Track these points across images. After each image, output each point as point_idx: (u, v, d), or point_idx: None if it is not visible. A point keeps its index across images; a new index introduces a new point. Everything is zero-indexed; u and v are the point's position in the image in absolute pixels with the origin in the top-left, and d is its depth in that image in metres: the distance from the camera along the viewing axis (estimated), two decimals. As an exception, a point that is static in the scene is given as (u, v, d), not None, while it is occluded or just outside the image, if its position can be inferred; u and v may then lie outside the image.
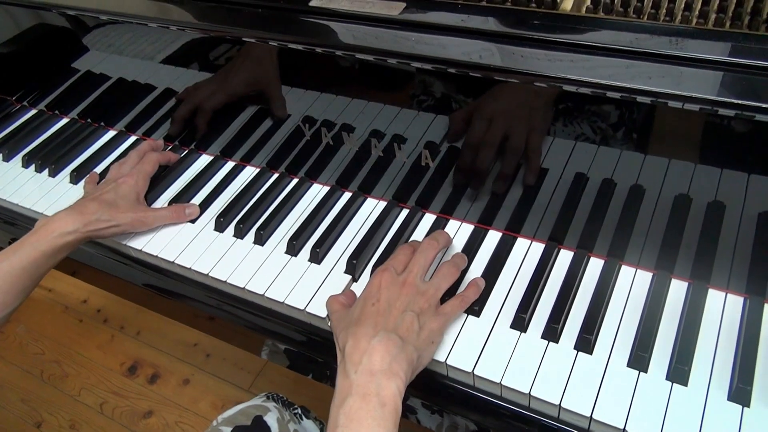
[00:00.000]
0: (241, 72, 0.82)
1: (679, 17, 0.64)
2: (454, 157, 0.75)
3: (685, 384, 0.61)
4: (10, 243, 1.02)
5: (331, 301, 0.69)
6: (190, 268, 0.80)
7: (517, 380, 0.63)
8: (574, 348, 0.65)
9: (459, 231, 0.79)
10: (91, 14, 0.88)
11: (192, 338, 1.65)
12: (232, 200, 0.88)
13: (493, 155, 0.72)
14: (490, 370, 0.64)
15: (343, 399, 0.56)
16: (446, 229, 0.80)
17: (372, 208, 0.84)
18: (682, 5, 0.64)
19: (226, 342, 0.93)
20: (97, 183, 0.90)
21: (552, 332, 0.66)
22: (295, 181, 0.90)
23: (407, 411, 0.85)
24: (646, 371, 0.62)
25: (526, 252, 0.76)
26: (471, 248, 0.76)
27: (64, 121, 1.10)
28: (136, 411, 1.53)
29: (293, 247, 0.79)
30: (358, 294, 0.69)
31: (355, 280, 0.76)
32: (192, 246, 0.82)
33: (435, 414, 0.86)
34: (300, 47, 0.74)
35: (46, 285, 1.86)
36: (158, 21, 0.83)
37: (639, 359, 0.62)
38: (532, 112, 0.66)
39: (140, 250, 0.83)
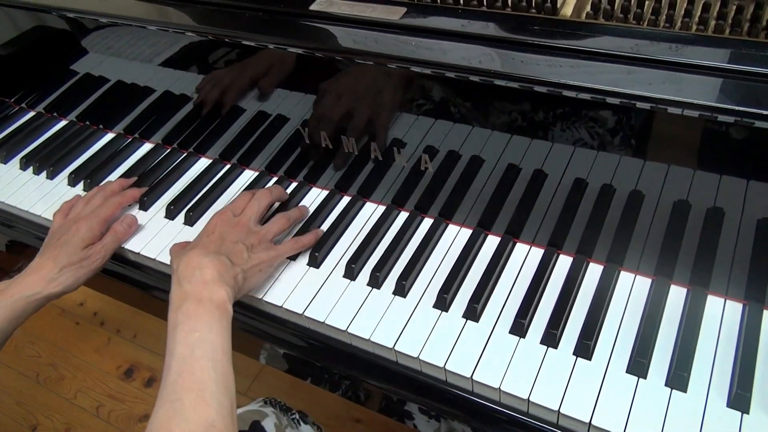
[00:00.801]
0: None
1: (678, 24, 0.64)
2: (453, 161, 0.75)
3: (685, 390, 0.60)
4: (7, 246, 1.02)
5: (173, 246, 0.79)
6: (188, 272, 0.79)
7: (516, 386, 0.63)
8: (573, 353, 0.65)
9: (458, 235, 0.79)
10: (90, 17, 0.88)
11: (189, 342, 1.64)
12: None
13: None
14: (488, 376, 0.64)
15: (180, 304, 0.64)
16: (445, 234, 0.80)
17: (371, 212, 0.84)
18: (682, 12, 0.64)
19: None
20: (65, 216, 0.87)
21: (551, 338, 0.66)
22: (293, 184, 0.90)
23: (404, 416, 0.85)
24: (645, 377, 0.62)
25: (525, 257, 0.75)
26: (470, 253, 0.76)
27: (63, 123, 1.10)
28: (132, 414, 1.52)
29: (292, 250, 0.79)
30: None
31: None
32: (190, 249, 0.82)
33: (432, 419, 0.86)
34: (300, 51, 0.74)
35: (42, 287, 1.85)
36: (157, 24, 0.83)
37: (638, 365, 0.62)
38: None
39: (138, 253, 0.83)
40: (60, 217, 0.86)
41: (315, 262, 0.78)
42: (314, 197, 0.88)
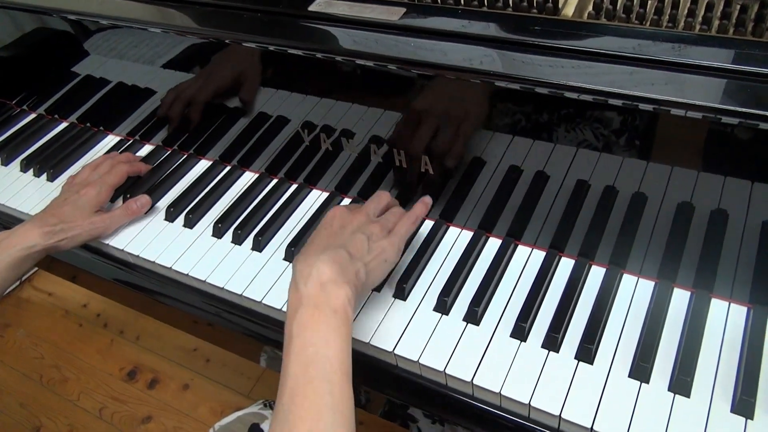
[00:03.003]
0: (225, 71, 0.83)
1: (681, 24, 0.63)
2: (453, 163, 0.74)
3: (688, 395, 0.60)
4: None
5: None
6: (187, 274, 0.79)
7: (517, 390, 0.62)
8: (575, 358, 0.64)
9: (459, 237, 0.78)
10: (91, 18, 0.88)
11: (191, 343, 1.65)
12: (230, 206, 0.87)
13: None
14: (489, 380, 0.63)
15: (295, 310, 0.58)
16: (446, 236, 0.79)
17: (371, 214, 0.84)
18: (685, 11, 0.63)
19: (225, 349, 0.92)
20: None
21: (552, 342, 0.65)
22: (294, 186, 0.89)
23: (408, 420, 0.84)
24: (647, 382, 0.61)
25: (527, 260, 0.75)
26: (471, 255, 0.75)
27: (64, 125, 1.10)
28: (135, 416, 1.52)
29: (292, 254, 0.79)
30: None
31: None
32: (190, 252, 0.82)
33: (436, 423, 0.85)
34: (300, 52, 0.74)
35: (46, 289, 1.86)
36: (158, 25, 0.83)
37: (641, 370, 0.62)
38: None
39: (138, 256, 0.83)
40: (67, 186, 0.89)
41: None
42: (314, 199, 0.87)
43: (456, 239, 0.78)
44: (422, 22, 0.70)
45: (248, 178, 0.92)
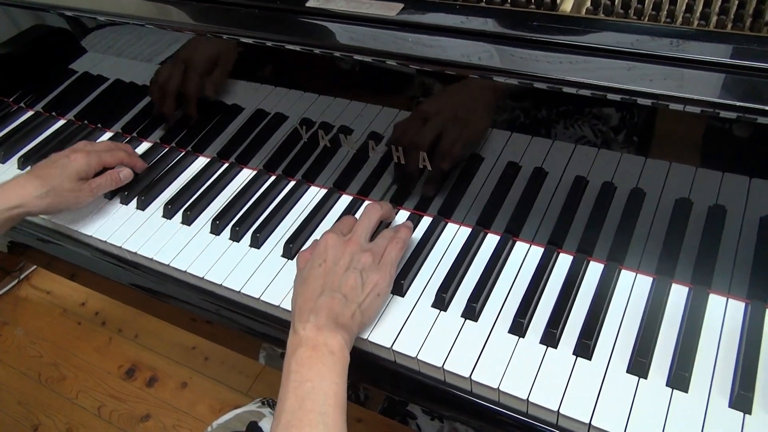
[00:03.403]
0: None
1: (680, 19, 0.63)
2: (452, 159, 0.74)
3: (686, 390, 0.60)
4: (8, 246, 1.02)
5: (299, 256, 0.72)
6: (185, 272, 0.79)
7: (515, 386, 0.62)
8: (573, 353, 0.64)
9: (457, 234, 0.78)
10: (88, 15, 0.88)
11: (190, 341, 1.64)
12: (228, 203, 0.87)
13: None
14: (487, 376, 0.63)
15: (294, 350, 0.61)
16: (444, 232, 0.79)
17: (370, 211, 0.84)
18: (683, 7, 0.63)
19: (223, 346, 0.92)
20: None
21: (551, 337, 0.65)
22: (292, 183, 0.89)
23: (407, 416, 0.84)
24: (646, 377, 0.61)
25: (525, 256, 0.75)
26: (469, 251, 0.75)
27: (61, 122, 1.09)
28: (133, 414, 1.52)
29: (290, 250, 0.79)
30: None
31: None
32: (188, 249, 0.82)
33: (435, 420, 0.85)
34: (297, 48, 0.74)
35: (44, 287, 1.85)
36: (155, 22, 0.82)
37: (639, 365, 0.62)
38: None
39: (135, 253, 0.82)
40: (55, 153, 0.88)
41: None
42: (312, 196, 0.87)
43: (454, 235, 0.78)
44: (420, 18, 0.70)
45: (246, 174, 0.92)
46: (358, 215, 0.83)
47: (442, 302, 0.70)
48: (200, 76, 0.87)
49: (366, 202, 0.85)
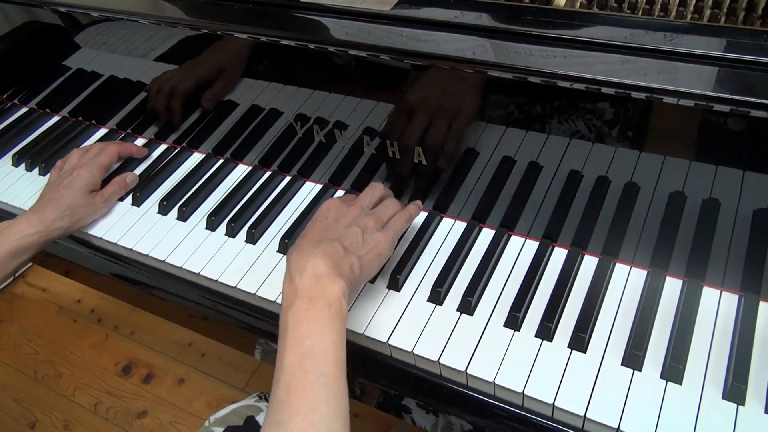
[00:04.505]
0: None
1: (673, 13, 0.63)
2: (447, 154, 0.74)
3: (680, 382, 0.60)
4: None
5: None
6: (181, 268, 0.79)
7: (511, 379, 0.62)
8: (568, 347, 0.64)
9: (452, 228, 0.79)
10: (82, 11, 0.87)
11: (187, 338, 1.64)
12: (223, 199, 0.87)
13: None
14: (483, 369, 0.63)
15: (291, 302, 0.58)
16: (440, 227, 0.79)
17: (365, 206, 0.84)
18: (677, 1, 0.64)
19: (220, 342, 0.92)
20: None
21: (546, 331, 0.65)
22: (287, 179, 0.89)
23: (402, 411, 0.84)
24: (640, 370, 0.62)
25: (520, 250, 0.75)
26: (464, 246, 0.75)
27: (55, 119, 1.09)
28: (130, 411, 1.52)
29: (286, 246, 0.79)
30: None
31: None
32: (183, 245, 0.82)
33: (430, 414, 0.85)
34: (292, 43, 0.74)
35: (39, 285, 1.85)
36: (149, 17, 0.82)
37: (633, 358, 0.62)
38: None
39: (131, 249, 0.82)
40: (56, 172, 0.89)
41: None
42: (308, 191, 0.87)
43: (449, 230, 0.79)
44: (415, 13, 0.70)
45: (241, 170, 0.92)
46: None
47: (437, 296, 0.70)
48: (195, 72, 0.86)
49: (361, 198, 0.85)
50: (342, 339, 0.58)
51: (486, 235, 0.77)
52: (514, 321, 0.67)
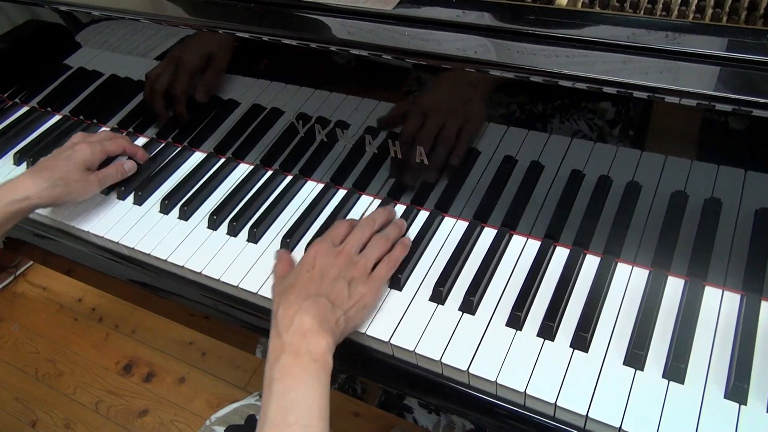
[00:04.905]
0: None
1: (675, 12, 0.63)
2: (448, 153, 0.74)
3: (682, 382, 0.60)
4: (4, 242, 1.01)
5: (276, 268, 0.72)
6: (183, 266, 0.79)
7: (513, 378, 0.62)
8: (570, 346, 0.64)
9: (454, 228, 0.79)
10: (83, 10, 0.87)
11: (187, 336, 1.64)
12: (225, 198, 0.87)
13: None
14: (485, 369, 0.63)
15: (277, 357, 0.59)
16: (441, 226, 0.79)
17: (366, 205, 0.84)
18: (679, 0, 0.63)
19: (221, 341, 0.92)
20: None
21: (548, 330, 0.65)
22: (289, 178, 0.89)
23: (404, 410, 0.85)
24: (642, 369, 0.62)
25: (522, 249, 0.75)
26: (466, 245, 0.75)
27: (56, 118, 1.09)
28: (131, 410, 1.52)
29: (287, 245, 0.79)
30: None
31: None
32: (185, 244, 0.82)
33: (432, 413, 0.85)
34: (294, 43, 0.74)
35: (40, 283, 1.85)
36: (150, 16, 0.82)
37: (635, 357, 0.62)
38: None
39: (133, 248, 0.82)
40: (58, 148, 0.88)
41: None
42: (309, 191, 0.87)
43: (451, 229, 0.79)
44: (417, 12, 0.70)
45: (243, 169, 0.92)
46: (352, 213, 0.83)
47: (439, 296, 0.70)
48: (197, 71, 0.86)
49: (362, 197, 0.85)
50: (326, 392, 0.59)
51: (488, 234, 0.77)
52: (516, 320, 0.67)
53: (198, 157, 0.95)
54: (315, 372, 0.58)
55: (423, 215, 0.81)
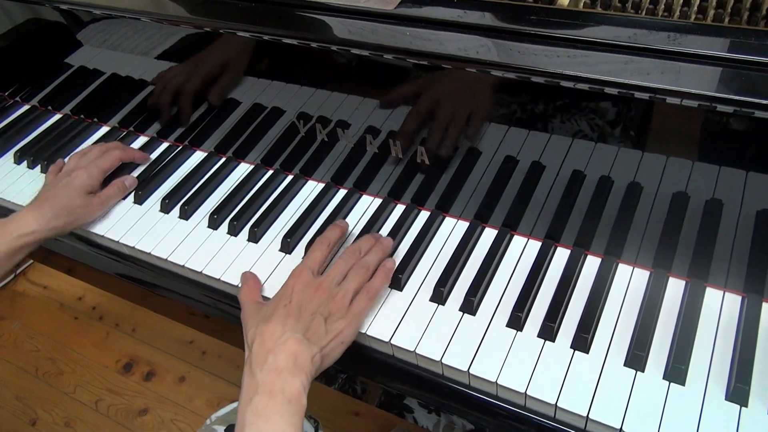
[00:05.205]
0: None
1: (677, 12, 0.63)
2: (449, 153, 0.74)
3: (683, 383, 0.60)
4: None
5: (244, 292, 0.71)
6: (183, 266, 0.79)
7: (513, 379, 0.62)
8: (571, 347, 0.64)
9: (455, 228, 0.78)
10: (84, 8, 0.87)
11: (188, 336, 1.65)
12: (225, 197, 0.87)
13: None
14: (485, 370, 0.63)
15: (250, 398, 0.58)
16: (443, 226, 0.79)
17: (367, 205, 0.84)
18: (681, 0, 0.63)
19: (221, 340, 0.92)
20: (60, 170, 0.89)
21: (548, 331, 0.65)
22: (289, 178, 0.89)
23: (404, 410, 0.85)
24: (643, 370, 0.62)
25: (523, 250, 0.75)
26: (467, 246, 0.75)
27: (57, 116, 1.09)
28: (131, 408, 1.53)
29: (287, 244, 0.79)
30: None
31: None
32: (185, 243, 0.82)
33: (432, 413, 0.85)
34: (295, 42, 0.74)
35: (41, 282, 1.85)
36: (151, 15, 0.82)
37: (636, 358, 0.62)
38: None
39: (133, 248, 0.82)
40: (52, 174, 0.88)
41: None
42: (310, 190, 0.87)
43: (452, 230, 0.78)
44: (418, 12, 0.70)
45: (244, 169, 0.92)
46: (353, 213, 0.83)
47: (440, 296, 0.70)
48: (198, 70, 0.86)
49: (363, 197, 0.85)
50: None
51: (488, 234, 0.77)
52: (516, 321, 0.67)
53: (199, 156, 0.95)
54: (288, 415, 0.57)
55: (424, 215, 0.81)
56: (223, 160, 0.94)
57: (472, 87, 0.68)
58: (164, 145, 0.98)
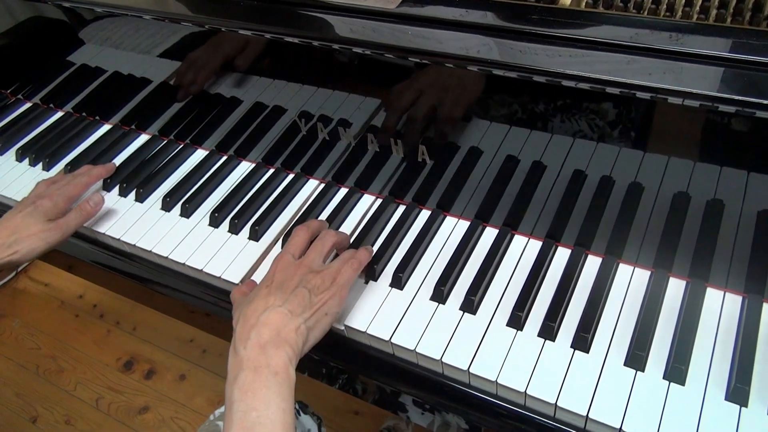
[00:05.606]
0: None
1: (679, 13, 0.63)
2: (451, 152, 0.74)
3: (683, 383, 0.60)
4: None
5: (235, 290, 0.71)
6: (184, 264, 0.79)
7: (513, 379, 0.62)
8: (571, 346, 0.64)
9: (456, 227, 0.78)
10: (86, 6, 0.87)
11: (188, 334, 1.65)
12: (226, 196, 0.87)
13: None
14: (485, 369, 0.63)
15: (236, 375, 0.57)
16: (443, 225, 0.79)
17: (368, 205, 0.84)
18: (683, 1, 0.63)
19: (222, 338, 0.92)
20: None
21: (549, 330, 0.65)
22: (290, 176, 0.89)
23: (398, 408, 0.85)
24: (643, 370, 0.61)
25: (523, 249, 0.75)
26: (467, 245, 0.75)
27: (59, 114, 1.09)
28: (131, 406, 1.53)
29: (288, 243, 0.79)
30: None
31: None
32: (186, 241, 0.82)
33: (425, 413, 0.85)
34: (296, 41, 0.74)
35: (42, 280, 1.85)
36: (154, 13, 0.82)
37: (636, 358, 0.62)
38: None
39: (134, 245, 0.82)
40: (21, 201, 0.85)
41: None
42: (311, 189, 0.87)
43: (453, 229, 0.78)
44: (419, 11, 0.70)
45: (245, 167, 0.92)
46: (354, 212, 0.83)
47: (440, 295, 0.70)
48: (200, 69, 0.86)
49: (364, 196, 0.85)
50: (290, 406, 0.57)
51: (489, 234, 0.77)
52: (516, 320, 0.67)
53: (200, 154, 0.95)
54: (276, 387, 0.56)
55: (425, 214, 0.81)
56: (225, 158, 0.94)
57: (473, 86, 0.68)
58: (166, 143, 0.98)
